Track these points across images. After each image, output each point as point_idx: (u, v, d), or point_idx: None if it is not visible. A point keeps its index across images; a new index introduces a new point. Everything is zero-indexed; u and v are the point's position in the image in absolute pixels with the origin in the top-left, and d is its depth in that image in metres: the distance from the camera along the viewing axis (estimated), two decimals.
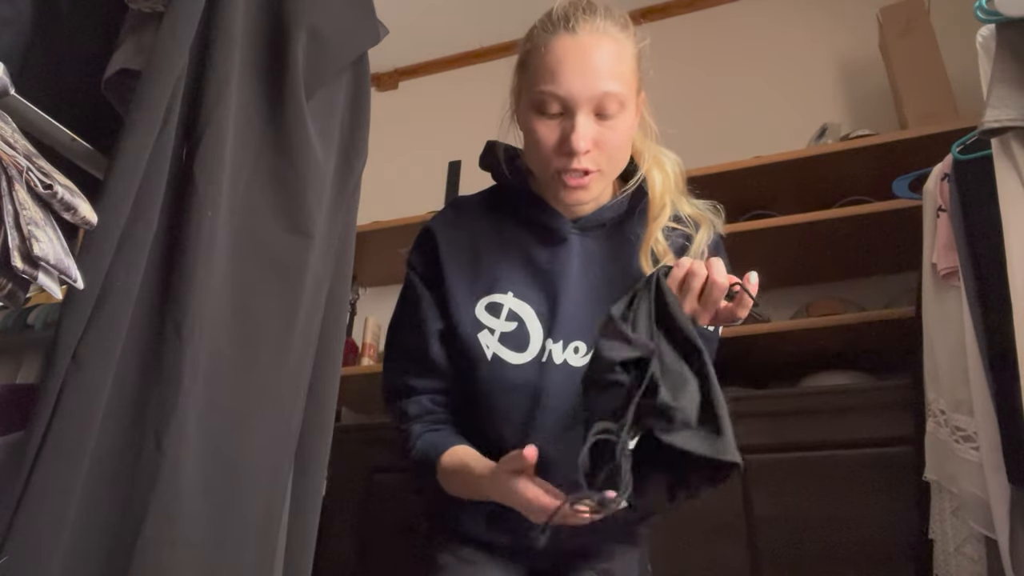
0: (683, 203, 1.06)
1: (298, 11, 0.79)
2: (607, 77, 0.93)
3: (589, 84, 0.92)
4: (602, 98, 0.92)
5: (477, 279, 1.04)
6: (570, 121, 0.93)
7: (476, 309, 1.03)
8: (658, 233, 1.01)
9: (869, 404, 1.66)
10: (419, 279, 1.08)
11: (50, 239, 0.51)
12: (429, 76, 3.16)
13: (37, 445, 0.53)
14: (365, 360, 2.43)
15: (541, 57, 0.96)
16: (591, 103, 0.93)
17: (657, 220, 1.02)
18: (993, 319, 1.18)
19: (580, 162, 0.94)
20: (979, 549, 1.25)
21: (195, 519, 0.63)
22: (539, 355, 1.00)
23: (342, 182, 0.90)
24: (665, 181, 1.04)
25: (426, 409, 1.05)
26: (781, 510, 1.61)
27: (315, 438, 0.82)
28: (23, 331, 1.69)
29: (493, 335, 1.02)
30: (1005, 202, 1.04)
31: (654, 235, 1.01)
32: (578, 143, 0.92)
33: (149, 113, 0.63)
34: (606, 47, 0.94)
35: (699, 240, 1.03)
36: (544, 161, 0.97)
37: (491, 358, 1.01)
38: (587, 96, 0.92)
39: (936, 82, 2.04)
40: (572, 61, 0.93)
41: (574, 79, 0.92)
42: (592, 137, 0.93)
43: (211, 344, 0.66)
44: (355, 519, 1.95)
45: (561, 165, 0.95)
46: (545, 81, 0.94)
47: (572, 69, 0.93)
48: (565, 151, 0.94)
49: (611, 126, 0.94)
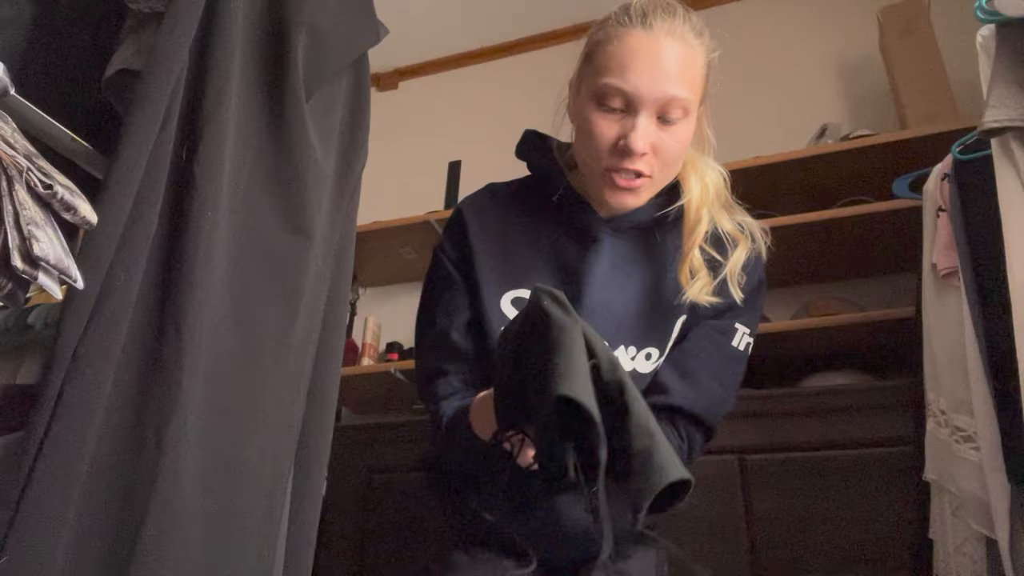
0: (723, 218, 1.02)
1: (298, 11, 0.79)
2: (676, 80, 0.90)
3: (658, 84, 0.89)
4: (668, 101, 0.90)
5: (505, 271, 1.01)
6: (631, 120, 0.90)
7: (502, 302, 1.00)
8: (696, 250, 0.97)
9: (869, 404, 1.66)
10: (450, 263, 1.05)
11: (50, 239, 0.51)
12: (429, 76, 3.17)
13: (37, 445, 0.53)
14: (365, 360, 2.43)
15: (611, 50, 0.92)
16: (656, 104, 0.90)
17: (694, 234, 0.98)
18: (993, 319, 1.18)
19: (634, 163, 0.91)
20: (979, 549, 1.25)
21: (195, 519, 0.63)
22: None
23: (342, 182, 0.90)
24: (703, 192, 1.00)
25: (456, 389, 1.01)
26: (781, 510, 1.61)
27: (315, 438, 0.82)
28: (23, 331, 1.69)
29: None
30: (1005, 202, 1.04)
31: (692, 251, 0.97)
32: (636, 143, 0.89)
33: (149, 113, 0.63)
34: (680, 50, 0.91)
35: (734, 260, 0.99)
36: (596, 157, 0.93)
37: None
38: (654, 97, 0.89)
39: (936, 82, 2.04)
40: (643, 58, 0.90)
41: (643, 76, 0.89)
42: (651, 141, 0.90)
43: (211, 344, 0.66)
44: (355, 519, 1.95)
45: (614, 163, 0.92)
46: (612, 74, 0.91)
47: (642, 66, 0.90)
48: (621, 149, 0.91)
49: (671, 132, 0.92)
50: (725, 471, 1.68)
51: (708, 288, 0.97)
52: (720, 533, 1.62)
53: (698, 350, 1.02)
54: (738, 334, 1.03)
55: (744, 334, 1.03)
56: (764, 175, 2.08)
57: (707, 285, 0.97)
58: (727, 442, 1.68)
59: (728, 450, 1.69)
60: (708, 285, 0.97)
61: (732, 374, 1.03)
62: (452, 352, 1.02)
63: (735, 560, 1.60)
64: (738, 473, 1.68)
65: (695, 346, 1.02)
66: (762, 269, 1.06)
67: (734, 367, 1.03)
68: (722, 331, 1.02)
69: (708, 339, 1.02)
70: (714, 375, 1.00)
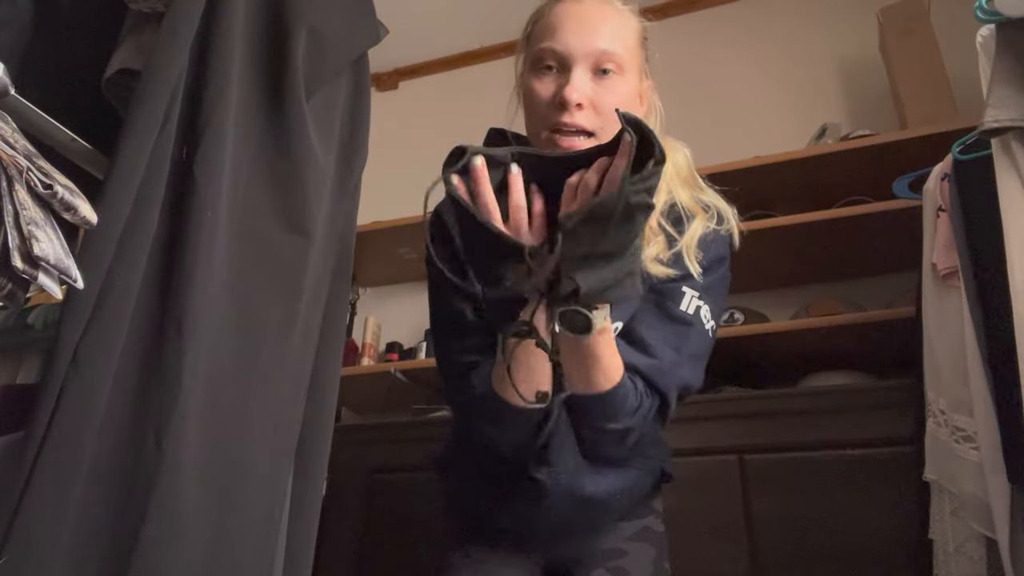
0: (682, 194, 1.01)
1: (298, 11, 0.79)
2: (606, 36, 0.93)
3: (587, 40, 0.93)
4: (600, 55, 0.92)
5: None
6: (566, 76, 0.93)
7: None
8: (652, 220, 0.96)
9: (869, 404, 1.66)
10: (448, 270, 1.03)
11: (50, 239, 0.51)
12: (429, 76, 3.16)
13: (37, 445, 0.53)
14: (365, 360, 2.43)
15: (544, 21, 0.97)
16: (588, 59, 0.92)
17: None
18: (993, 319, 1.18)
19: (573, 117, 0.91)
20: (979, 549, 1.25)
21: (195, 519, 0.63)
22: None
23: (342, 182, 0.90)
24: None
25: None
26: (781, 510, 1.61)
27: (315, 438, 0.82)
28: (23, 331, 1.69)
29: None
30: (1005, 202, 1.04)
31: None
32: (571, 94, 0.90)
33: (149, 113, 0.63)
34: (609, 13, 0.96)
35: (690, 233, 0.98)
36: (539, 120, 0.95)
37: None
38: (584, 52, 0.92)
39: (936, 82, 2.04)
40: (573, 21, 0.94)
41: (572, 35, 0.93)
42: (587, 94, 0.92)
43: (211, 344, 0.66)
44: (355, 519, 1.95)
45: (554, 121, 0.92)
46: (544, 39, 0.95)
47: (572, 27, 0.94)
48: (558, 104, 0.92)
49: (608, 86, 0.93)
50: (725, 471, 1.68)
51: (663, 256, 0.96)
52: (720, 533, 1.62)
53: (642, 314, 0.99)
54: (685, 297, 0.98)
55: (693, 298, 0.99)
56: (764, 175, 2.08)
57: (660, 253, 0.96)
58: (727, 442, 1.68)
59: (728, 450, 1.69)
60: (662, 253, 0.96)
61: (685, 339, 0.98)
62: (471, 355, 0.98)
63: (735, 560, 1.60)
64: (738, 473, 1.68)
65: (640, 311, 0.99)
66: (725, 247, 1.03)
67: (685, 331, 0.98)
68: (666, 294, 0.98)
69: (652, 303, 0.99)
70: (664, 340, 0.97)
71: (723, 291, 1.04)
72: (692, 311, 0.99)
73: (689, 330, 0.99)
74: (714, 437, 1.71)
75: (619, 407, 0.91)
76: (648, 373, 0.95)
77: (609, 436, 0.94)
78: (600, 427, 0.93)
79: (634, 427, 0.94)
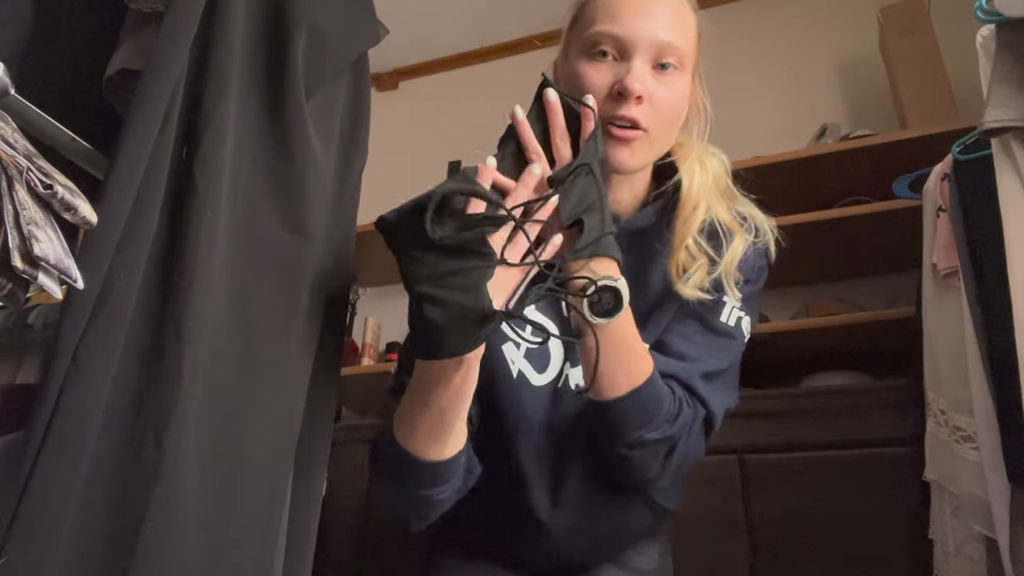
0: (720, 208, 0.93)
1: (298, 11, 0.79)
2: (670, 28, 0.85)
3: (651, 28, 0.84)
4: (663, 47, 0.84)
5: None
6: (625, 64, 0.84)
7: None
8: (689, 239, 0.88)
9: (869, 404, 1.66)
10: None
11: (50, 239, 0.51)
12: (429, 76, 3.17)
13: (37, 445, 0.53)
14: (365, 360, 2.43)
15: (600, 3, 0.88)
16: (650, 50, 0.84)
17: (687, 222, 0.89)
18: (993, 319, 1.18)
19: (631, 110, 0.83)
20: (979, 549, 1.26)
21: (195, 519, 0.63)
22: (556, 378, 0.92)
23: (342, 182, 0.90)
24: (702, 179, 0.92)
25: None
26: (781, 510, 1.61)
27: (315, 438, 0.82)
28: (23, 331, 1.69)
29: (519, 349, 0.92)
30: (1005, 202, 1.04)
31: (684, 240, 0.88)
32: (633, 84, 0.81)
33: (149, 113, 0.63)
34: (671, 3, 0.87)
35: (730, 253, 0.90)
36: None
37: (516, 375, 0.91)
38: (647, 41, 0.84)
39: (936, 82, 2.04)
40: (636, 4, 0.85)
41: (636, 19, 0.84)
42: (647, 87, 0.83)
43: (211, 344, 0.66)
44: (355, 519, 1.95)
45: (609, 113, 0.83)
46: (602, 22, 0.85)
47: (635, 11, 0.85)
48: (616, 93, 0.83)
49: (667, 82, 0.85)
50: (725, 471, 1.68)
51: (704, 283, 0.89)
52: (720, 533, 1.62)
53: (678, 326, 0.92)
54: (726, 308, 0.93)
55: (734, 308, 0.93)
56: (764, 175, 2.07)
57: (702, 280, 0.89)
58: (727, 442, 1.68)
59: (728, 450, 1.69)
60: (704, 280, 0.89)
61: (726, 351, 0.92)
62: None
63: (735, 560, 1.60)
64: (738, 473, 1.68)
65: (675, 324, 0.92)
66: (763, 259, 0.96)
67: (727, 344, 0.92)
68: (708, 307, 0.91)
69: (685, 315, 0.92)
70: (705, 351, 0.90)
71: (757, 306, 0.99)
72: (734, 323, 0.93)
73: (731, 343, 0.93)
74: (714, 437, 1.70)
75: (655, 409, 0.83)
76: (686, 377, 0.88)
77: (650, 451, 0.85)
78: (639, 439, 0.83)
79: (675, 438, 0.85)
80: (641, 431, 0.83)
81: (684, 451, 0.87)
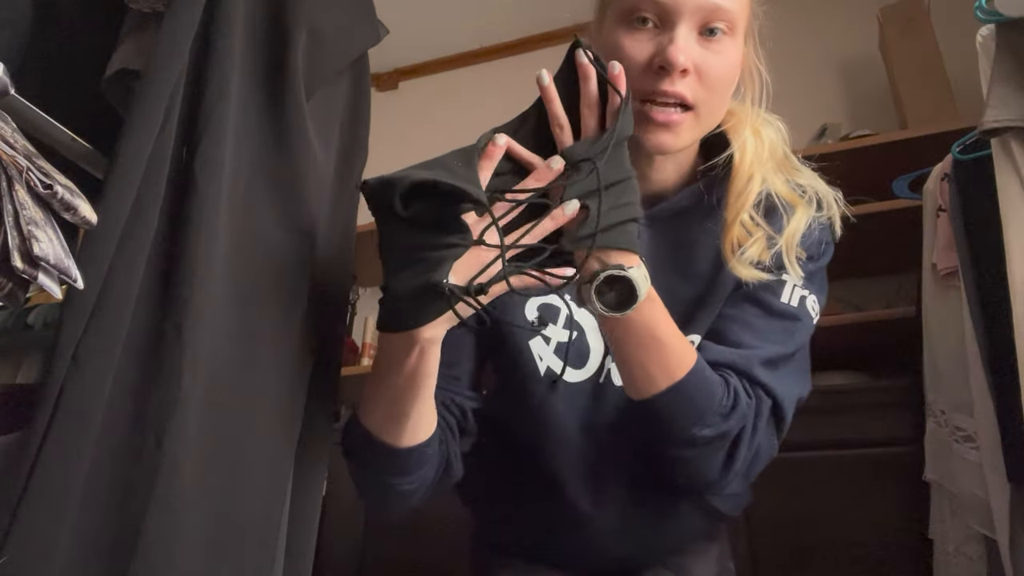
0: (776, 180, 0.83)
1: (298, 11, 0.79)
2: None
3: None
4: (711, 10, 0.74)
5: None
6: (668, 33, 0.74)
7: (526, 309, 0.86)
8: (744, 214, 0.80)
9: (869, 404, 1.66)
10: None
11: (50, 239, 0.51)
12: (429, 76, 3.17)
13: (37, 445, 0.53)
14: (365, 360, 2.43)
15: None
16: (697, 14, 0.74)
17: (741, 196, 0.80)
18: (993, 319, 1.18)
19: (675, 85, 0.74)
20: (979, 549, 1.26)
21: (195, 519, 0.63)
22: (597, 374, 0.86)
23: (342, 182, 0.90)
24: (757, 148, 0.83)
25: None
26: (781, 510, 1.61)
27: (315, 438, 0.82)
28: (23, 331, 1.69)
29: (548, 345, 0.85)
30: (1005, 202, 1.04)
31: (739, 215, 0.80)
32: (676, 56, 0.72)
33: (149, 113, 0.63)
34: None
35: (791, 228, 0.81)
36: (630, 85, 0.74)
37: (544, 372, 0.85)
38: (694, 4, 0.73)
39: (936, 82, 2.04)
40: None
41: None
42: (693, 58, 0.74)
43: (211, 344, 0.66)
44: (355, 519, 1.95)
45: (650, 89, 0.75)
46: None
47: None
48: (658, 67, 0.74)
49: (716, 50, 0.76)
50: None
51: (763, 258, 0.80)
52: None
53: (733, 311, 0.84)
54: (786, 287, 0.83)
55: (796, 287, 0.83)
56: None
57: (760, 255, 0.80)
58: None
59: None
60: (762, 255, 0.80)
61: (791, 336, 0.83)
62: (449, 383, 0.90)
63: (735, 560, 1.60)
64: None
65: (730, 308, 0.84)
66: (828, 234, 0.87)
67: (791, 327, 0.83)
68: (763, 285, 0.82)
69: (743, 298, 0.84)
70: (766, 337, 0.82)
71: (825, 282, 0.90)
72: (796, 302, 0.83)
73: (796, 325, 0.83)
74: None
75: (705, 403, 0.74)
76: (745, 366, 0.78)
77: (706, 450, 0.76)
78: (690, 437, 0.75)
79: (734, 433, 0.76)
80: (692, 428, 0.75)
81: (750, 449, 0.78)
